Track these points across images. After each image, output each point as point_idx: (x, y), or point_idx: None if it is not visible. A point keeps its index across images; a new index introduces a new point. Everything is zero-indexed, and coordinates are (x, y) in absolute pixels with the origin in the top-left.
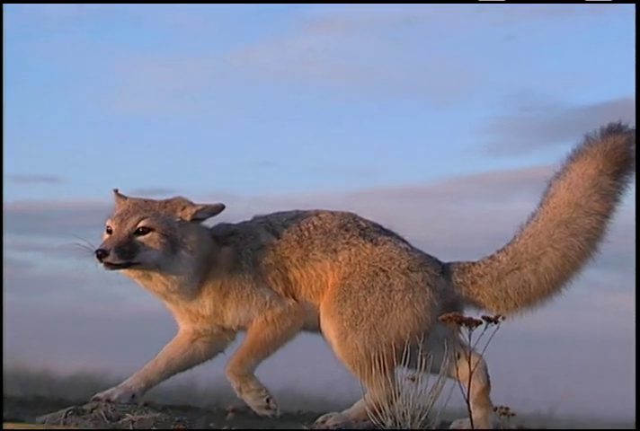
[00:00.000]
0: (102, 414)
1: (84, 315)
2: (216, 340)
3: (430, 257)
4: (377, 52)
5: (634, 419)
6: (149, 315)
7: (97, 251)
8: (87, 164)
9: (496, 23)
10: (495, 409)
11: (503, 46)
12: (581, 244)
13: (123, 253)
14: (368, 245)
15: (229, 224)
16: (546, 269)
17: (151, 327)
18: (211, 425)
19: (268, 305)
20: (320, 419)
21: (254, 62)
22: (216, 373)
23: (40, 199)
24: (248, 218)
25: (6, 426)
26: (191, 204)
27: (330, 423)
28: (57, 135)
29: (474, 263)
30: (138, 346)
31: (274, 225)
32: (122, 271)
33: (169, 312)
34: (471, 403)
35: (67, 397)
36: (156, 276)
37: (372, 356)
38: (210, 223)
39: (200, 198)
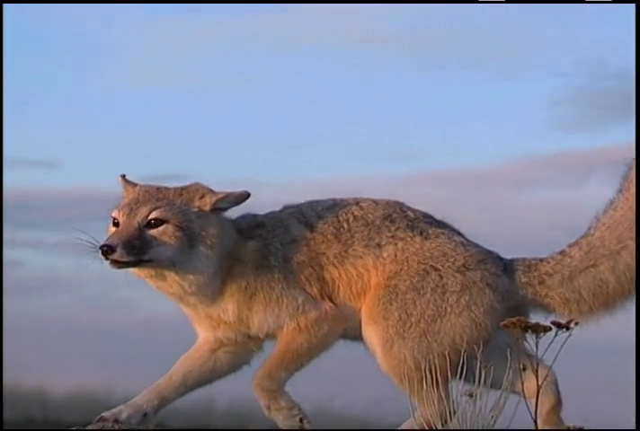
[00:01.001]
0: None
1: (83, 323)
2: (240, 350)
3: (490, 252)
4: (424, 16)
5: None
6: (162, 322)
7: (102, 247)
8: (89, 145)
9: None
10: (568, 430)
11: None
12: None
13: (132, 249)
14: (418, 239)
15: (255, 215)
16: (627, 266)
17: (164, 335)
18: None
19: (301, 309)
20: None
21: (282, 27)
22: (239, 389)
23: (33, 186)
24: (277, 208)
25: None
26: (211, 191)
27: None
28: (52, 111)
29: (541, 260)
30: (149, 358)
31: (307, 216)
32: (131, 270)
33: (186, 317)
34: (539, 423)
35: (65, 418)
36: (171, 275)
37: (423, 367)
38: (233, 213)
39: (222, 186)
